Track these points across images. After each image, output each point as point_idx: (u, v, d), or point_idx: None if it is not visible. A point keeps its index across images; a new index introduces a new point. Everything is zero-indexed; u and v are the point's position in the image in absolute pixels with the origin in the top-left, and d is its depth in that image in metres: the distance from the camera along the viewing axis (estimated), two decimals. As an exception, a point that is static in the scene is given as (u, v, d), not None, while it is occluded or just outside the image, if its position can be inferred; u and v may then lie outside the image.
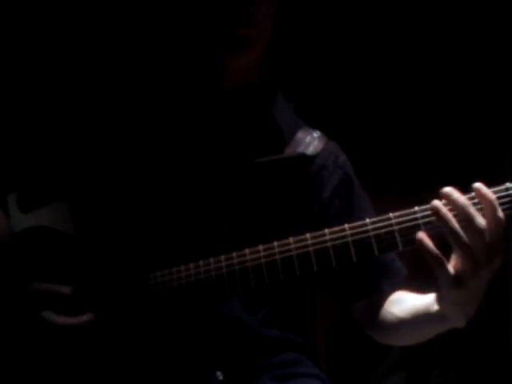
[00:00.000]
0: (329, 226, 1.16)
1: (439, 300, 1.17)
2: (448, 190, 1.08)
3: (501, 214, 1.06)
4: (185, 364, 1.24)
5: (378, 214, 1.17)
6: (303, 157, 1.38)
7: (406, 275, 1.43)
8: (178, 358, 1.24)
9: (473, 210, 1.06)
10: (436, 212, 1.07)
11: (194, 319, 1.25)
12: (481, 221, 1.06)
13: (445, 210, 1.07)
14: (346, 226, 1.15)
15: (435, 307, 1.20)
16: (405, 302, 1.35)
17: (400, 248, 1.12)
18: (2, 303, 1.25)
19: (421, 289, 1.34)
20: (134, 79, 1.46)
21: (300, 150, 1.39)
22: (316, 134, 1.44)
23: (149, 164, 1.35)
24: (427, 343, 1.35)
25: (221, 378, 1.24)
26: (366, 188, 1.48)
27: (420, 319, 1.27)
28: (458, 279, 1.07)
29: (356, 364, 2.57)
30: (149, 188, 1.34)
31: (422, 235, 1.08)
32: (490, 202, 1.07)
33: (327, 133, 1.48)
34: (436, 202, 1.08)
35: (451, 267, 1.08)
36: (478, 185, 1.08)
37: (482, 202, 1.08)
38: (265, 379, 1.31)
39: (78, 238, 1.33)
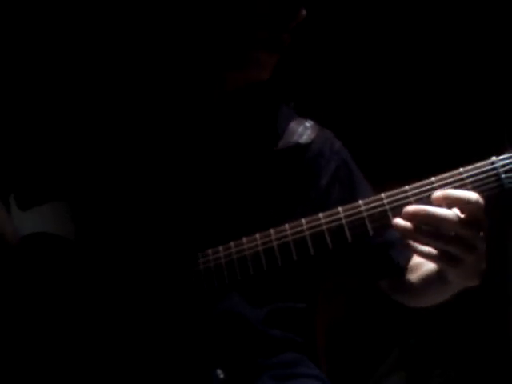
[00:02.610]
0: None
1: (449, 280, 1.20)
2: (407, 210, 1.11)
3: (473, 195, 1.09)
4: (185, 361, 1.24)
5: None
6: (297, 146, 1.39)
7: None
8: (179, 355, 1.24)
9: (433, 209, 1.09)
10: (405, 232, 1.10)
11: (194, 314, 1.25)
12: (446, 213, 1.09)
13: (408, 225, 1.10)
14: (340, 208, 1.17)
15: (446, 276, 1.23)
16: (420, 269, 1.38)
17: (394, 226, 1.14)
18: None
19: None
20: (135, 76, 1.46)
21: (294, 139, 1.40)
22: (308, 123, 1.45)
23: (148, 159, 1.35)
24: (427, 343, 1.36)
25: (221, 376, 1.25)
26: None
27: (436, 285, 1.30)
28: (453, 261, 1.11)
29: (356, 364, 2.58)
30: (148, 183, 1.34)
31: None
32: (451, 197, 1.10)
33: (330, 130, 1.49)
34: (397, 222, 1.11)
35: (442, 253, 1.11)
36: (435, 195, 1.11)
37: (448, 204, 1.10)
38: (265, 379, 1.31)
39: (79, 241, 1.34)
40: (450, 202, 1.10)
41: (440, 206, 1.11)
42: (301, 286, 1.41)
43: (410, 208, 1.11)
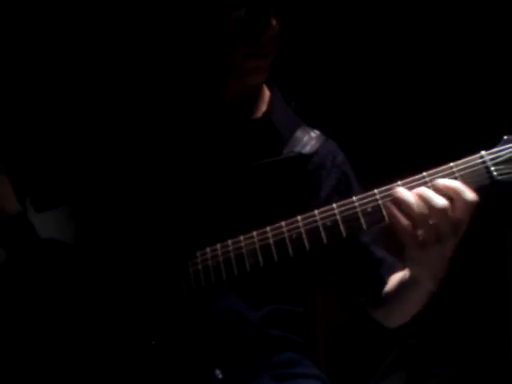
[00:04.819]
0: None
1: (407, 261, 1.22)
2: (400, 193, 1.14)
3: (470, 195, 1.11)
4: (184, 361, 1.25)
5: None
6: (300, 156, 1.40)
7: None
8: (178, 355, 1.25)
9: (430, 193, 1.12)
10: (397, 200, 1.13)
11: (193, 313, 1.26)
12: (439, 200, 1.11)
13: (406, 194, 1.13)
14: (334, 204, 1.19)
15: (407, 273, 1.27)
16: (394, 279, 1.41)
17: (387, 221, 1.16)
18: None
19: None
20: (140, 85, 1.48)
21: (297, 149, 1.41)
22: (314, 133, 1.46)
23: (156, 167, 1.37)
24: (427, 343, 1.37)
25: (220, 376, 1.25)
26: (364, 182, 1.50)
27: (400, 289, 1.33)
28: (421, 244, 1.13)
29: (356, 364, 2.58)
30: (155, 190, 1.36)
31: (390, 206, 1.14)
32: (453, 189, 1.12)
33: (327, 129, 1.50)
34: (396, 190, 1.14)
35: (417, 233, 1.13)
36: (437, 181, 1.14)
37: (449, 193, 1.12)
38: (265, 379, 1.32)
39: (78, 243, 1.35)
40: (447, 192, 1.13)
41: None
42: (297, 289, 1.41)
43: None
